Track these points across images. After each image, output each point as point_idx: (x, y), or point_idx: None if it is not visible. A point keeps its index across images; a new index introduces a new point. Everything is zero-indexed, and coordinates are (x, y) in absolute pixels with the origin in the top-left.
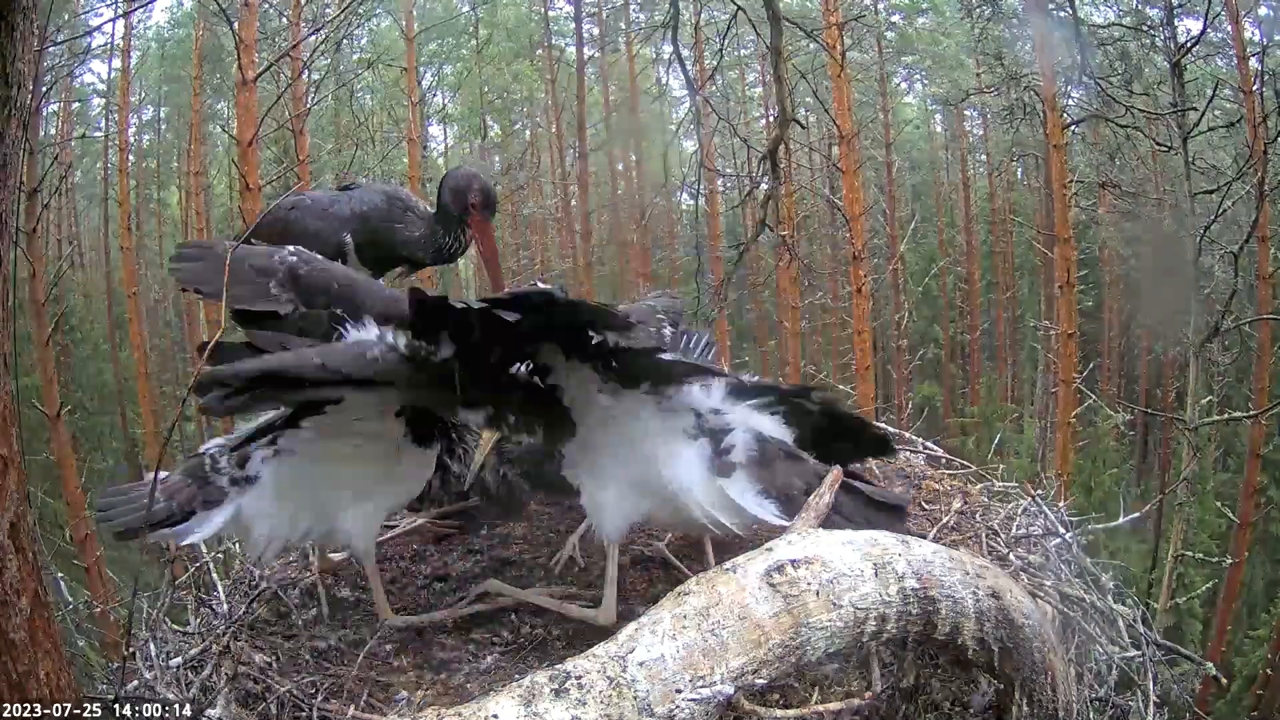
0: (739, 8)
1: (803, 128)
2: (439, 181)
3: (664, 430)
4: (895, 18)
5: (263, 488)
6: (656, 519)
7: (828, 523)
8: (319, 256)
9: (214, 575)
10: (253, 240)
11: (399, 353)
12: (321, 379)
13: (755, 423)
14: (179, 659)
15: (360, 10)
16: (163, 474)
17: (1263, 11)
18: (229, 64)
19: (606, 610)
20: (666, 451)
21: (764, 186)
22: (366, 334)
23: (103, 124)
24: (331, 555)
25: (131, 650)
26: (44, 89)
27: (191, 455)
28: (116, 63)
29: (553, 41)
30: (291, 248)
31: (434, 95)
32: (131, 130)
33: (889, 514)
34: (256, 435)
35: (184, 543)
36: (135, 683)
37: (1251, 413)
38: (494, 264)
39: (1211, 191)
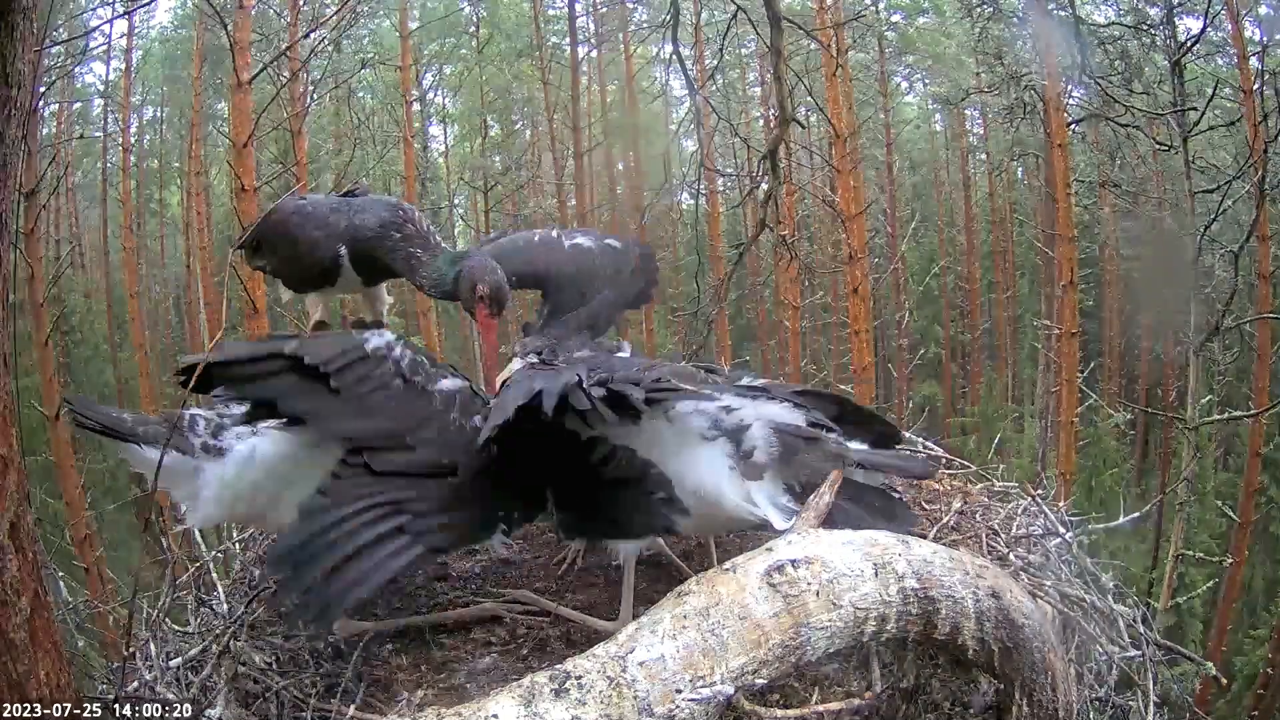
0: (739, 8)
1: (803, 127)
2: (460, 259)
3: (678, 436)
4: (895, 17)
5: (229, 463)
6: (684, 529)
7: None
8: None
9: (214, 575)
10: (259, 239)
11: None
12: None
13: (767, 412)
14: (179, 659)
15: (360, 9)
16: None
17: (1263, 11)
18: (230, 64)
19: (624, 621)
20: (688, 461)
21: (764, 186)
22: None
23: (103, 124)
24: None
25: (131, 650)
26: (42, 89)
27: (172, 412)
28: (117, 63)
29: (550, 40)
30: None
31: (434, 95)
32: (132, 130)
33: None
34: (242, 418)
35: (135, 460)
36: (135, 683)
37: (1252, 412)
38: (490, 362)
39: (1212, 190)
